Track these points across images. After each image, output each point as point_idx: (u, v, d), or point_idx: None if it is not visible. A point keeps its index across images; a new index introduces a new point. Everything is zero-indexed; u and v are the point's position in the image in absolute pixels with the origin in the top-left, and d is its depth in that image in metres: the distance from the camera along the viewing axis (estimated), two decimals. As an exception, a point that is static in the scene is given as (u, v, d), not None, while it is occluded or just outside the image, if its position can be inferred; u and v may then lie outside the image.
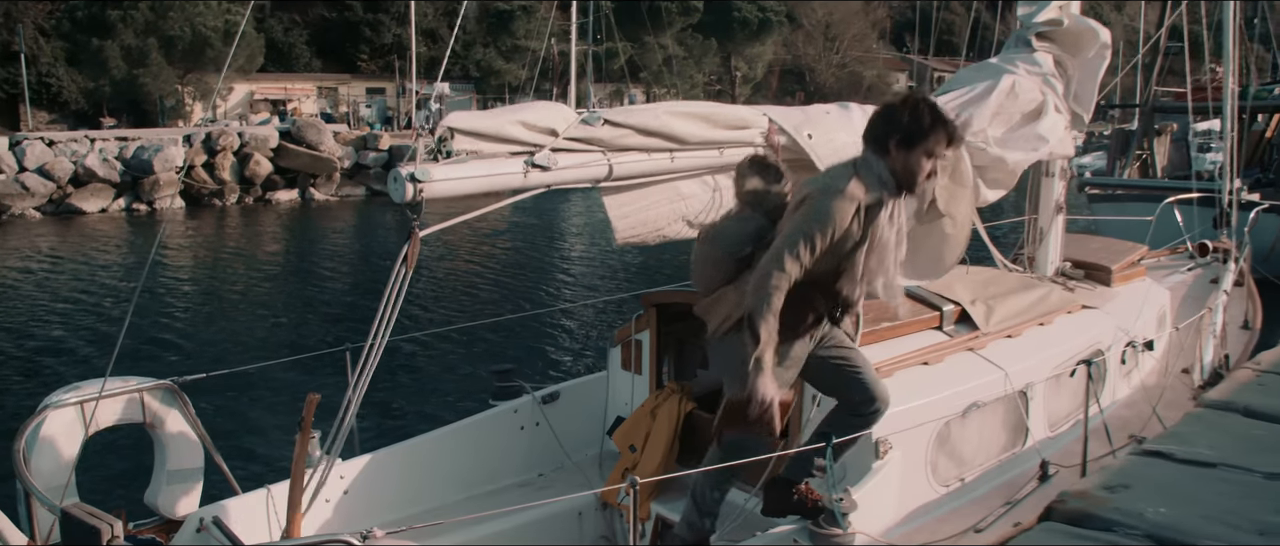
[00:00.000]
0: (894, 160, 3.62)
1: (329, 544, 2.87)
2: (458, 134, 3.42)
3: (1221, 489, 3.67)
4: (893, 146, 3.62)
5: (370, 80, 61.40)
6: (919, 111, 3.62)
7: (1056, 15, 6.21)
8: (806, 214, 3.58)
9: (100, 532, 2.57)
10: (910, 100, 3.69)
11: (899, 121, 3.61)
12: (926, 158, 3.64)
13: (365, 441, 4.87)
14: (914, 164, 3.63)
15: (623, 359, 5.54)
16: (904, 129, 3.60)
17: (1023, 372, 4.96)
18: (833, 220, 3.54)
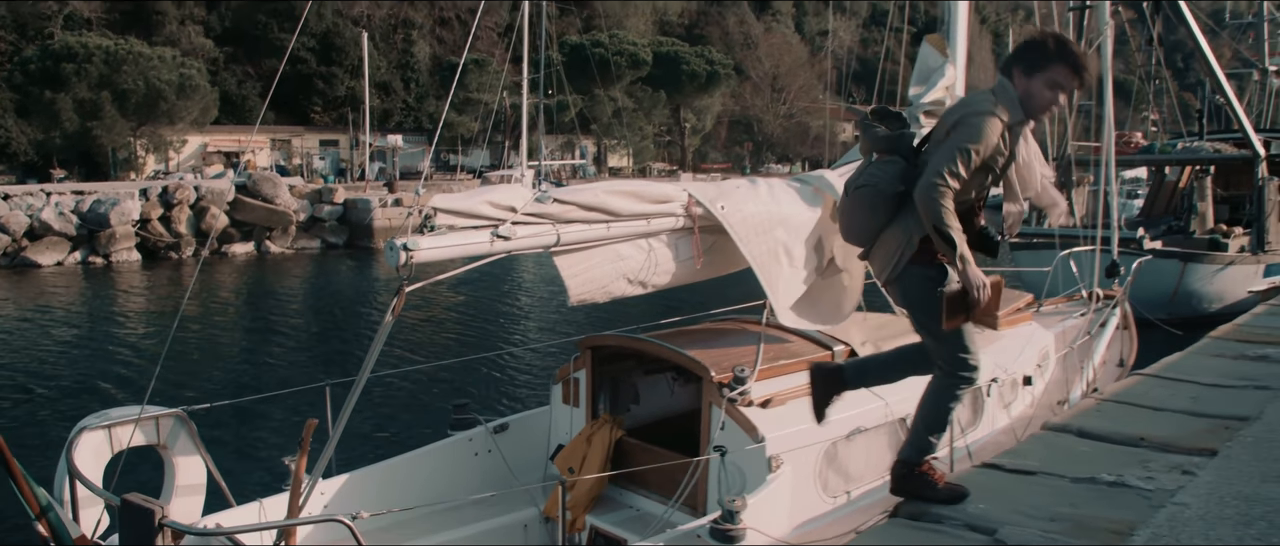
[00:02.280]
0: (1018, 86, 3.99)
1: (327, 520, 3.70)
2: (439, 212, 4.37)
3: (1035, 490, 4.66)
4: (1016, 73, 4.00)
5: (323, 132, 61.96)
6: (1042, 43, 4.01)
7: (942, 96, 7.29)
8: (962, 133, 3.92)
9: (154, 513, 3.39)
10: (1038, 35, 4.11)
11: (1023, 52, 4.03)
12: (1048, 88, 3.96)
13: (340, 464, 5.72)
14: (1035, 90, 3.96)
15: (563, 394, 6.44)
16: (1026, 59, 3.99)
17: (902, 402, 5.95)
18: (985, 135, 3.88)
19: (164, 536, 3.23)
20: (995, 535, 4.14)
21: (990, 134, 3.89)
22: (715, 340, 6.07)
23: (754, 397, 5.29)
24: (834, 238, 5.92)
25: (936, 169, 3.87)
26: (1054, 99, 3.98)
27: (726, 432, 5.18)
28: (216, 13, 62.36)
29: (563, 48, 61.00)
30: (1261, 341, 8.31)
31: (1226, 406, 6.13)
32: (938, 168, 3.87)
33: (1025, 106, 4.00)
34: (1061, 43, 4.03)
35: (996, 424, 7.13)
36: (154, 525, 3.19)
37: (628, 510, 5.88)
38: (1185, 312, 16.70)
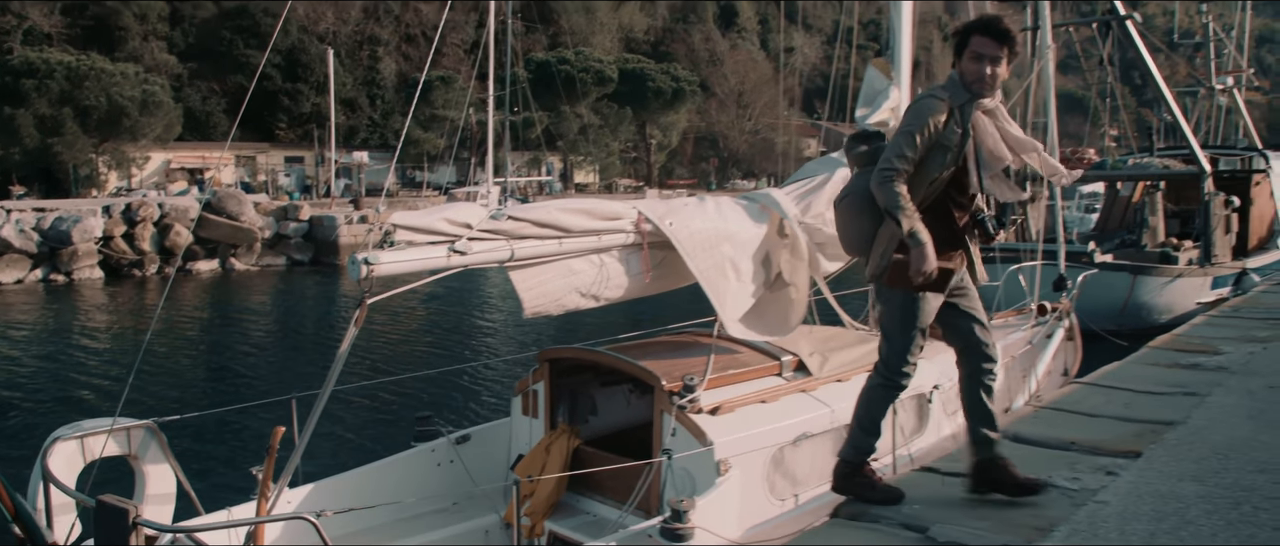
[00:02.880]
0: (958, 68, 4.24)
1: (293, 518, 3.89)
2: (399, 229, 4.58)
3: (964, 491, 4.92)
4: (956, 61, 4.26)
5: (288, 149, 61.77)
6: (962, 26, 4.32)
7: (887, 116, 7.60)
8: (905, 120, 4.26)
9: (128, 513, 3.55)
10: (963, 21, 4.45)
11: (954, 40, 4.32)
12: (973, 60, 4.17)
13: (306, 474, 5.88)
14: (966, 67, 4.18)
15: (523, 405, 6.65)
16: (955, 44, 4.28)
17: (847, 409, 6.19)
18: (924, 116, 4.12)
19: (137, 535, 3.39)
20: (926, 532, 4.38)
21: (929, 114, 4.13)
22: (668, 352, 6.29)
23: (703, 405, 5.52)
24: (781, 253, 6.19)
25: (885, 156, 4.17)
26: (981, 68, 4.16)
27: (677, 438, 5.40)
28: (180, 29, 62.10)
29: (529, 65, 61.25)
30: (1195, 350, 8.65)
31: (1155, 412, 6.43)
32: (886, 155, 4.17)
33: (965, 85, 4.20)
34: (978, 19, 4.30)
35: (942, 431, 7.40)
36: (128, 524, 3.35)
37: (585, 515, 6.08)
38: (1135, 324, 17.11)
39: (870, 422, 4.62)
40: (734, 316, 5.87)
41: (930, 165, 4.19)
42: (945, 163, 4.18)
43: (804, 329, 6.95)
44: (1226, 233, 20.74)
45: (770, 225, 6.06)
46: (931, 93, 4.25)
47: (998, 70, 4.19)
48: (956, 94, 4.21)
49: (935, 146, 4.16)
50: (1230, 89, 31.18)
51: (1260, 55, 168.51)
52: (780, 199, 6.20)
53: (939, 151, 4.17)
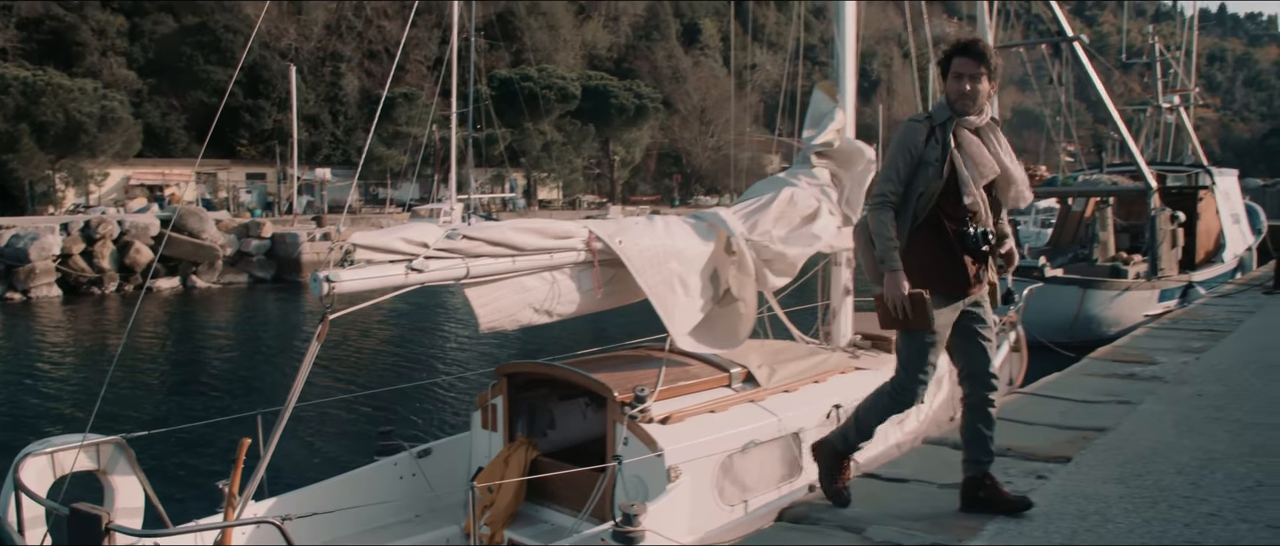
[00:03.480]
0: (943, 90, 4.49)
1: (259, 522, 4.05)
2: (358, 247, 4.77)
3: (905, 495, 5.16)
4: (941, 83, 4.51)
5: (250, 165, 61.42)
6: (946, 51, 4.51)
7: (832, 138, 7.87)
8: (892, 143, 4.46)
9: (101, 519, 3.70)
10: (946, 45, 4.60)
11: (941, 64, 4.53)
12: (954, 79, 4.40)
13: (271, 488, 6.02)
14: (948, 87, 4.42)
15: (482, 419, 6.83)
16: (940, 68, 4.52)
17: (794, 418, 6.44)
18: (907, 140, 4.38)
19: (110, 540, 3.54)
20: (863, 533, 4.62)
21: (909, 137, 4.39)
22: (622, 365, 6.51)
23: (654, 415, 5.73)
24: (728, 269, 6.43)
25: (876, 186, 4.46)
26: (961, 86, 4.38)
27: (629, 447, 5.61)
28: (139, 44, 61.61)
29: (492, 81, 61.39)
30: (1132, 361, 8.99)
31: (1089, 419, 6.73)
32: (877, 185, 4.46)
33: (950, 104, 4.42)
34: (955, 44, 4.50)
35: (890, 440, 7.65)
36: (101, 530, 3.50)
37: (542, 525, 6.27)
38: (1086, 337, 17.51)
39: (865, 425, 4.79)
40: (683, 330, 6.10)
41: (918, 183, 4.38)
42: (930, 178, 4.35)
43: (754, 342, 7.20)
44: (1173, 247, 21.28)
45: (717, 243, 6.30)
46: (913, 117, 4.51)
47: (978, 87, 4.38)
48: (939, 114, 4.44)
49: (919, 165, 4.37)
50: (1177, 107, 31.95)
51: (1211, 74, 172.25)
52: (727, 217, 6.45)
53: (923, 168, 4.36)
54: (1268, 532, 4.24)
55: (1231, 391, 7.39)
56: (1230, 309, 13.04)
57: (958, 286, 4.43)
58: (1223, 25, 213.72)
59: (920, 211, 4.39)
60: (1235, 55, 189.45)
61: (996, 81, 4.48)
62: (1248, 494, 4.82)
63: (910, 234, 4.41)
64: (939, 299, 4.37)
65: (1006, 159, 4.47)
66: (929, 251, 4.39)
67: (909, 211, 4.40)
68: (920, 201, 4.38)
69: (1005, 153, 4.49)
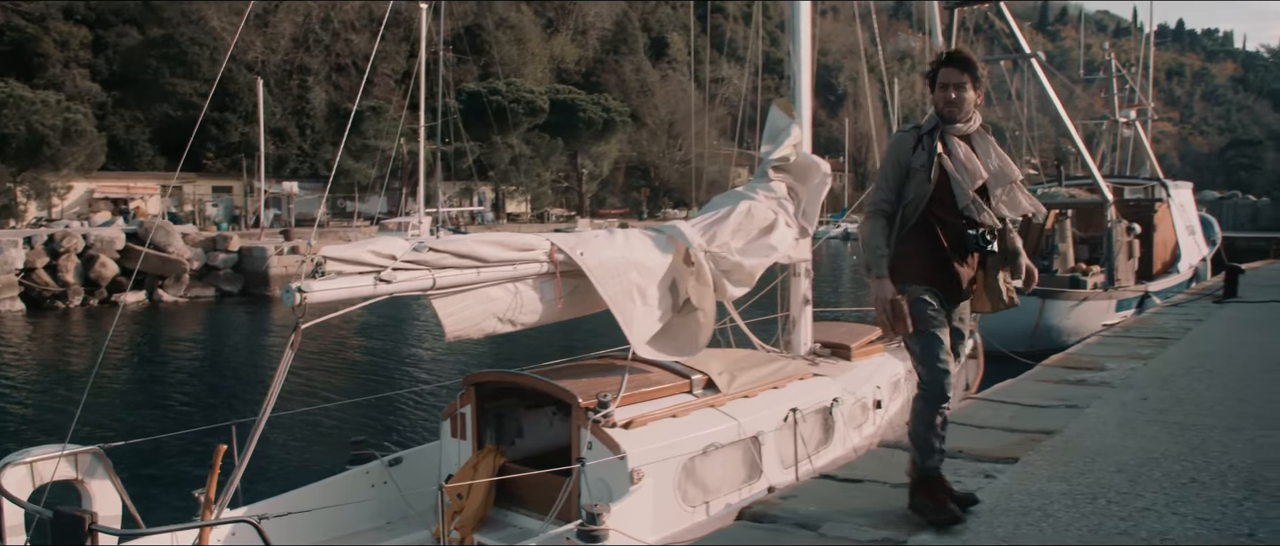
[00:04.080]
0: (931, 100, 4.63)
1: (238, 521, 4.20)
2: (329, 260, 4.93)
3: (858, 495, 5.37)
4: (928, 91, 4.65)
5: (216, 179, 61.05)
6: (933, 62, 4.66)
7: (789, 153, 8.12)
8: (883, 157, 4.64)
9: (84, 520, 3.84)
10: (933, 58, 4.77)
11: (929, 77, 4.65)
12: (940, 89, 4.53)
13: (246, 496, 6.14)
14: (935, 98, 4.56)
15: (452, 428, 7.00)
16: (929, 79, 4.63)
17: (753, 422, 6.66)
18: (895, 150, 4.53)
19: (93, 540, 3.68)
20: (819, 530, 4.82)
21: (897, 147, 4.54)
22: (586, 373, 6.70)
23: (617, 420, 5.92)
24: (687, 279, 6.65)
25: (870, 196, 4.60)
26: (947, 95, 4.51)
27: (593, 450, 5.80)
28: (103, 56, 61.14)
29: (460, 95, 61.41)
30: (1083, 367, 9.27)
31: (1038, 422, 6.97)
32: (870, 195, 4.60)
33: (938, 112, 4.56)
34: (940, 56, 4.67)
35: (849, 443, 7.90)
36: (84, 530, 3.63)
37: (511, 528, 6.45)
38: (1046, 346, 17.86)
39: (921, 441, 4.57)
40: (643, 338, 6.30)
41: (908, 189, 4.51)
42: (919, 183, 4.47)
43: (716, 351, 7.42)
44: (1129, 258, 21.77)
45: (676, 254, 6.52)
46: (902, 128, 4.66)
47: (963, 95, 4.51)
48: (927, 123, 4.59)
49: (909, 172, 4.50)
50: (1134, 122, 32.63)
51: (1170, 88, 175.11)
52: (686, 230, 6.68)
53: (913, 175, 4.49)
54: (1196, 524, 4.48)
55: (1174, 395, 7.66)
56: (1180, 317, 13.40)
57: (948, 289, 4.54)
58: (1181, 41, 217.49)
59: (909, 216, 4.50)
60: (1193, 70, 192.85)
61: (982, 90, 4.62)
62: (1181, 489, 5.07)
63: (902, 238, 4.52)
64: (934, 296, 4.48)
65: (994, 164, 4.59)
66: (920, 254, 4.50)
67: (899, 216, 4.53)
68: (909, 207, 4.51)
69: (995, 157, 4.61)
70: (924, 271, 4.50)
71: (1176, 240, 25.24)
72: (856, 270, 46.56)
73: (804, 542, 4.73)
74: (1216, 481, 5.18)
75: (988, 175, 4.56)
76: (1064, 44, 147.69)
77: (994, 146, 4.65)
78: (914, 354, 4.57)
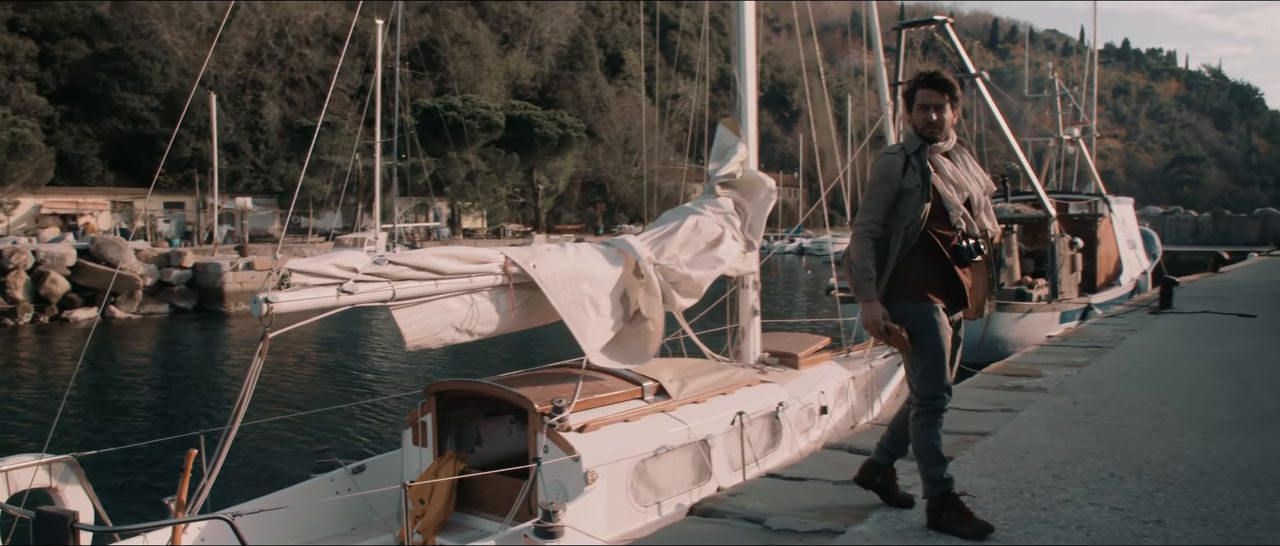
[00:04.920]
0: (909, 121, 4.63)
1: (212, 518, 4.40)
2: (294, 272, 5.17)
3: (802, 492, 5.66)
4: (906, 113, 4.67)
5: (168, 194, 60.52)
6: (910, 83, 4.67)
7: (736, 169, 8.45)
8: (871, 177, 4.60)
9: (66, 519, 4.02)
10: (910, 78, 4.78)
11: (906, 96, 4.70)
12: (919, 110, 4.57)
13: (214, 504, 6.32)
14: (915, 117, 4.58)
15: (413, 436, 7.22)
16: (906, 98, 4.68)
17: (702, 427, 6.95)
18: (885, 171, 4.51)
19: (75, 538, 3.87)
20: (763, 523, 5.10)
21: (886, 170, 4.52)
22: (543, 381, 6.96)
23: (572, 424, 6.19)
24: (637, 291, 6.94)
25: (859, 217, 4.57)
26: (927, 115, 4.54)
27: (549, 453, 6.06)
28: (51, 69, 60.47)
29: (416, 110, 61.47)
30: (1020, 374, 9.65)
31: (974, 425, 7.31)
32: (859, 216, 4.57)
33: (917, 132, 4.59)
34: (921, 74, 4.70)
35: (796, 446, 8.21)
36: (67, 529, 3.82)
37: (471, 530, 6.68)
38: (992, 357, 18.32)
39: (930, 453, 4.62)
40: (595, 346, 6.59)
41: (905, 210, 4.49)
42: (916, 203, 4.48)
43: (667, 359, 7.72)
44: (1072, 271, 22.38)
45: (626, 267, 6.81)
46: (888, 150, 4.66)
47: (943, 115, 4.55)
48: (911, 143, 4.60)
49: (902, 194, 4.49)
50: (1077, 138, 33.52)
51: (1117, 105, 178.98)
52: (635, 244, 6.98)
53: (906, 196, 4.48)
54: (1110, 513, 4.82)
55: (1102, 399, 8.06)
56: (1117, 327, 13.89)
57: (954, 299, 4.64)
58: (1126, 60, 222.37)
59: (912, 237, 4.49)
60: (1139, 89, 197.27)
61: (959, 109, 4.73)
62: (1100, 483, 5.41)
63: (907, 257, 4.54)
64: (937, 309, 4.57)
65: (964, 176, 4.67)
66: (927, 269, 4.56)
67: (900, 237, 4.55)
68: (911, 229, 4.49)
69: (972, 174, 4.69)
70: (933, 286, 4.56)
71: (1119, 254, 25.95)
72: (810, 284, 47.20)
73: (750, 535, 5.02)
74: (1133, 475, 5.54)
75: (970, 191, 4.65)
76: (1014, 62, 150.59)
77: (971, 162, 4.77)
78: (919, 370, 4.56)
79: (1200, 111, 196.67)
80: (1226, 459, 5.89)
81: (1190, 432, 6.65)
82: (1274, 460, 5.87)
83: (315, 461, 7.29)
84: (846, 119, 70.29)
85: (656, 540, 5.16)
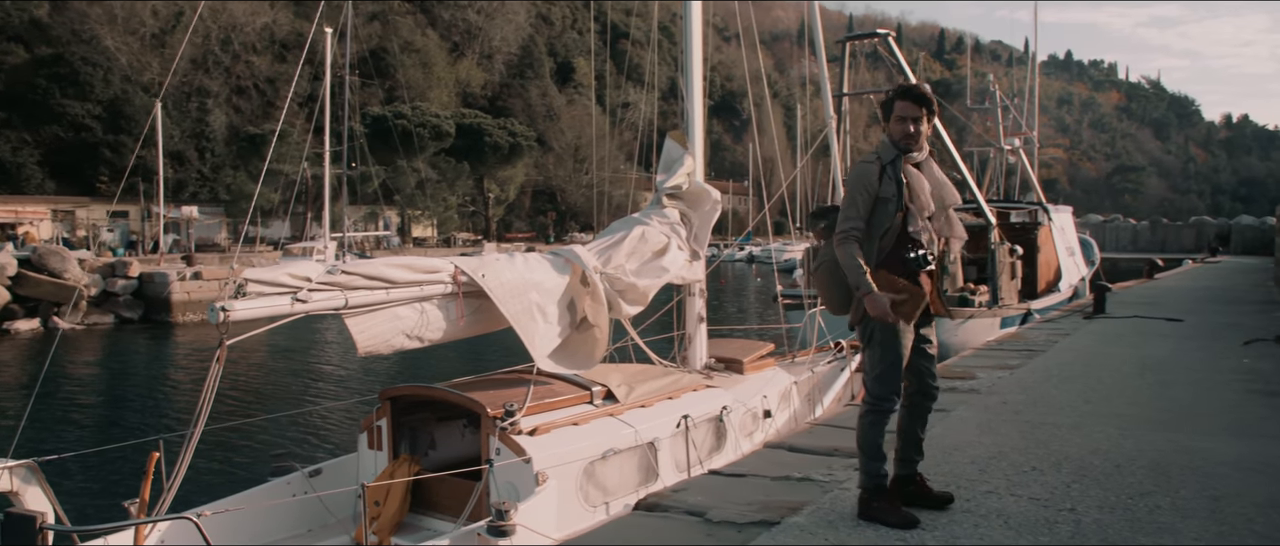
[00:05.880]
0: (887, 131, 4.79)
1: (177, 518, 4.56)
2: (250, 282, 5.35)
3: (742, 487, 5.94)
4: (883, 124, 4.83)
5: (111, 203, 59.59)
6: (889, 95, 4.84)
7: (682, 181, 8.73)
8: (849, 183, 4.77)
9: (35, 519, 4.16)
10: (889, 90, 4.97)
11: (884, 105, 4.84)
12: (897, 122, 4.71)
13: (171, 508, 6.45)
14: (892, 129, 4.74)
15: (369, 440, 7.40)
16: (883, 112, 4.83)
17: (649, 430, 7.21)
18: (862, 178, 4.67)
19: (43, 538, 4.02)
20: (705, 516, 5.37)
21: (864, 177, 4.70)
22: (495, 386, 7.17)
23: (523, 427, 6.42)
24: (584, 299, 7.19)
25: (839, 223, 4.74)
26: (905, 127, 4.70)
27: (501, 456, 6.28)
28: (-11, 75, 59.37)
29: (365, 119, 61.18)
30: (956, 377, 10.03)
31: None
32: (839, 223, 4.73)
33: (893, 143, 4.74)
34: (900, 87, 4.89)
35: (740, 449, 8.48)
36: (35, 529, 3.97)
37: (425, 530, 6.87)
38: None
39: (872, 449, 4.87)
40: (543, 352, 6.82)
41: (880, 218, 4.69)
42: (891, 212, 4.67)
43: (615, 365, 7.97)
44: (1012, 278, 22.94)
45: (573, 276, 7.06)
46: (865, 158, 4.83)
47: (920, 128, 4.72)
48: (886, 153, 4.77)
49: (878, 201, 4.67)
50: (1018, 149, 34.34)
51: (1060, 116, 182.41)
52: (582, 253, 7.24)
53: (882, 205, 4.67)
54: (1028, 503, 5.16)
55: (1030, 399, 8.45)
56: (1050, 332, 14.39)
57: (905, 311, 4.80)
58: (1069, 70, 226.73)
59: (886, 246, 4.71)
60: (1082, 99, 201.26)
61: (933, 121, 4.83)
62: (1022, 476, 5.75)
63: (878, 263, 4.75)
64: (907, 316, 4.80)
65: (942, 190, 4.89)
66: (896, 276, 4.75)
67: (874, 245, 4.77)
68: (886, 237, 4.70)
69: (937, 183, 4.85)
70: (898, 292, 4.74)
71: (1058, 261, 26.61)
72: (760, 291, 47.74)
73: (692, 528, 5.28)
74: (1052, 469, 5.89)
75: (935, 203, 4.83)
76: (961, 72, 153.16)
77: (938, 173, 4.95)
78: (876, 373, 4.82)
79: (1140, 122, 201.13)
80: (1138, 452, 6.28)
81: (1109, 429, 7.04)
82: (1182, 452, 6.26)
83: (272, 465, 7.41)
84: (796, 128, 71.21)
85: (604, 534, 5.39)
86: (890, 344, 4.76)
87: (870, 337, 4.82)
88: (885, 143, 4.85)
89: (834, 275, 4.90)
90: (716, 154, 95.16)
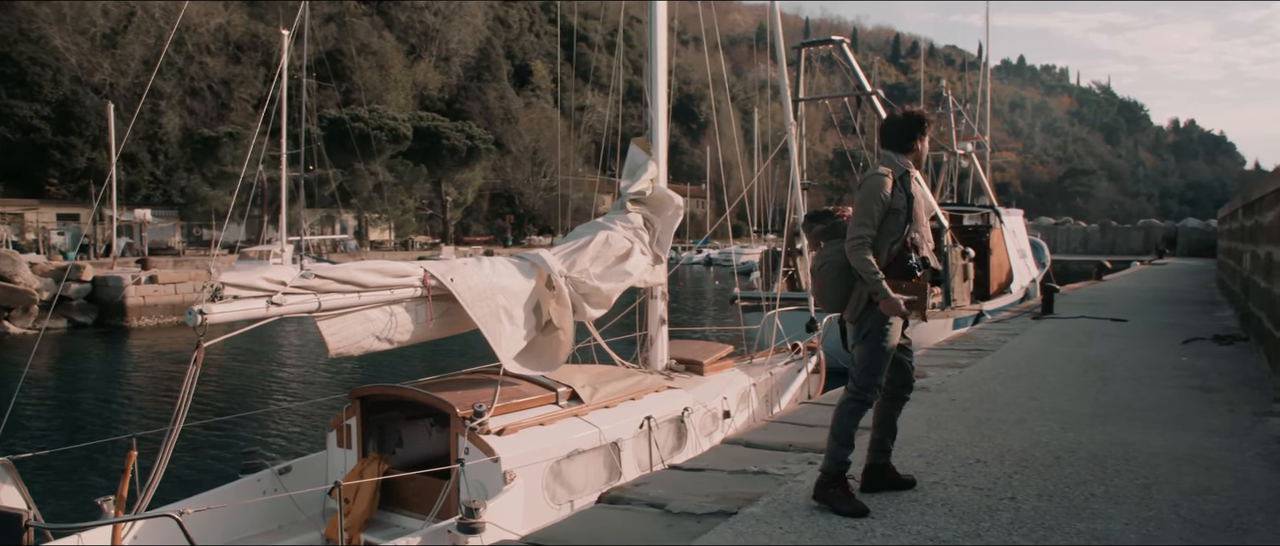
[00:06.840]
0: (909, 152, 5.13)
1: (157, 516, 4.71)
2: (226, 285, 5.51)
3: (700, 480, 6.19)
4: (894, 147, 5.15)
5: (61, 206, 58.79)
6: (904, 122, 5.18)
7: (645, 187, 8.97)
8: (863, 194, 4.99)
9: (20, 517, 4.29)
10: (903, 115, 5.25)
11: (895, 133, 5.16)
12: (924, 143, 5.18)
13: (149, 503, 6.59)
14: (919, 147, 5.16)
15: (338, 439, 7.57)
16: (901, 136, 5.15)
17: (613, 430, 7.44)
18: (878, 190, 4.93)
19: (29, 535, 4.16)
20: (665, 507, 5.61)
21: (877, 187, 4.96)
22: (462, 386, 7.37)
23: (491, 427, 6.63)
24: (549, 302, 7.42)
25: (853, 225, 4.99)
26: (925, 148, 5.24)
27: (470, 455, 6.49)
28: (-64, 78, 58.30)
29: (322, 121, 60.79)
30: (907, 376, 10.36)
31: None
32: (854, 224, 4.98)
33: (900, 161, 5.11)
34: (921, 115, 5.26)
35: (700, 448, 8.73)
36: (20, 527, 4.12)
37: (394, 528, 7.06)
38: (889, 361, 19.18)
39: (845, 436, 5.19)
40: (510, 354, 7.04)
41: (891, 227, 4.98)
42: (901, 223, 4.98)
43: (580, 366, 8.20)
44: (965, 280, 23.46)
45: (538, 279, 7.29)
46: (876, 171, 5.07)
47: (921, 146, 5.21)
48: (896, 168, 5.07)
49: (889, 212, 4.95)
50: (970, 153, 35.01)
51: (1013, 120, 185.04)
52: (547, 257, 7.47)
53: (893, 215, 4.96)
54: (973, 492, 5.46)
55: (977, 396, 8.79)
56: (1000, 332, 14.81)
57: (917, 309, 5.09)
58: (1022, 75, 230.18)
59: (895, 253, 5.01)
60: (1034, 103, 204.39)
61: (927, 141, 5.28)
62: (967, 467, 6.06)
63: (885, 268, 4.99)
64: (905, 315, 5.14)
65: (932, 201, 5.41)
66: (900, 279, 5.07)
67: (884, 253, 5.05)
68: (896, 246, 5.01)
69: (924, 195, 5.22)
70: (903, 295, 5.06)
71: (1010, 263, 27.20)
72: (717, 293, 48.11)
73: (653, 518, 5.52)
74: (996, 461, 6.21)
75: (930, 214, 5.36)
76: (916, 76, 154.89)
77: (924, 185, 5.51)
78: (864, 365, 5.15)
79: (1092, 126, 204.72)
80: (1078, 445, 6.62)
81: (1051, 424, 7.38)
82: (1119, 445, 6.61)
83: (242, 463, 7.56)
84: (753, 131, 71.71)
85: (569, 526, 5.62)
86: (882, 339, 5.09)
87: (866, 333, 5.13)
88: (892, 162, 5.14)
89: (836, 276, 5.18)
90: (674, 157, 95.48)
